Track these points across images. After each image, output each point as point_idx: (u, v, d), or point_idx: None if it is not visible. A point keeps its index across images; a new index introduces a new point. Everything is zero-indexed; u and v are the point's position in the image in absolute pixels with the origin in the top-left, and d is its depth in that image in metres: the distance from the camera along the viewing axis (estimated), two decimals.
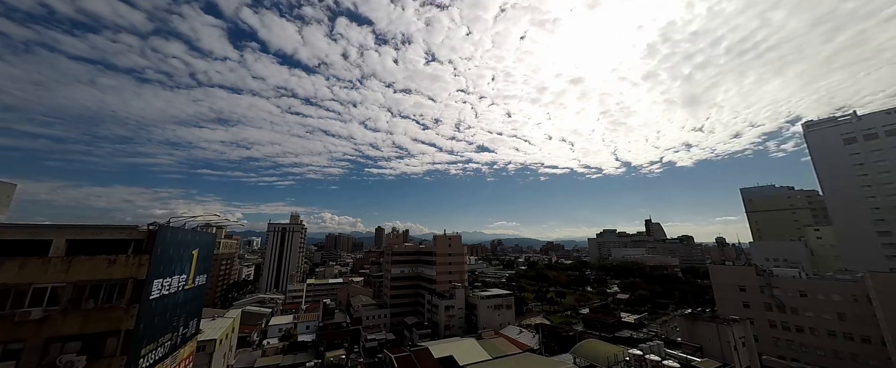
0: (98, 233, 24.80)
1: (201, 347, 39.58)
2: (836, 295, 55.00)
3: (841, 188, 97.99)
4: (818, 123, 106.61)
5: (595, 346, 47.40)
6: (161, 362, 27.03)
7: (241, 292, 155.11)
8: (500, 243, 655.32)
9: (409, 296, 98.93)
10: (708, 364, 40.65)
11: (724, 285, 68.03)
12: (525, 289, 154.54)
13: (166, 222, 27.99)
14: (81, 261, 23.28)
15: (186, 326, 31.84)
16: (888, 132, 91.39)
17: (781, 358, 56.93)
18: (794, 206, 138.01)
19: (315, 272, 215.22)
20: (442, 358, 50.20)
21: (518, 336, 64.44)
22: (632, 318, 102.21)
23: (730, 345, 45.17)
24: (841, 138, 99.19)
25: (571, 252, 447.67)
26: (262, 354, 65.91)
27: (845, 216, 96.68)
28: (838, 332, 53.95)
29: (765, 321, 61.03)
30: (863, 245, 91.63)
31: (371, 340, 75.37)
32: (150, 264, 24.75)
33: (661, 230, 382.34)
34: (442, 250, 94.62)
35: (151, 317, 25.34)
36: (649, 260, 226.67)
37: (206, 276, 35.59)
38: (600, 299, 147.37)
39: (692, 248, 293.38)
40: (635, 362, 38.31)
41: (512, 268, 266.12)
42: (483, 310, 77.42)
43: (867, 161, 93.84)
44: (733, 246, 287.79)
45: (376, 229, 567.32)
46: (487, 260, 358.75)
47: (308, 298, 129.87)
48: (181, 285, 29.70)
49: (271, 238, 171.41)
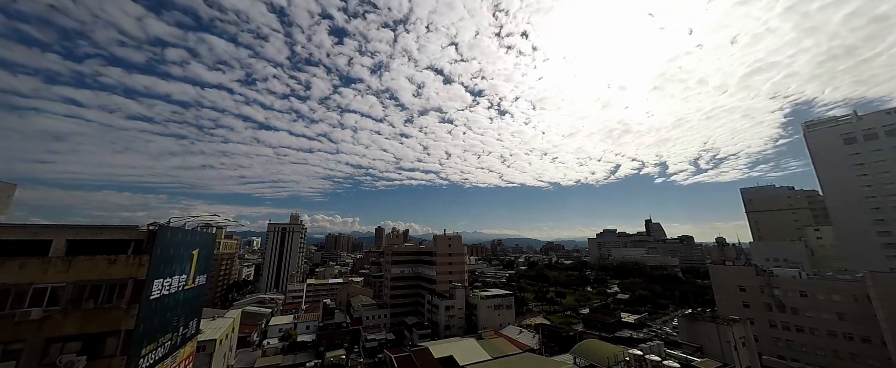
0: (98, 233, 24.79)
1: (201, 347, 39.57)
2: (836, 295, 55.01)
3: (841, 188, 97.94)
4: (818, 123, 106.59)
5: (595, 346, 47.42)
6: (161, 362, 27.02)
7: (241, 292, 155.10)
8: (500, 243, 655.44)
9: (409, 296, 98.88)
10: (708, 364, 40.68)
11: (725, 285, 68.01)
12: (525, 289, 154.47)
13: (166, 222, 28.01)
14: (81, 261, 23.28)
15: (186, 326, 31.83)
16: (888, 132, 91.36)
17: (781, 358, 56.96)
18: (794, 206, 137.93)
19: (315, 273, 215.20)
20: (442, 358, 50.23)
21: (518, 336, 64.45)
22: (632, 318, 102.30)
23: (730, 345, 45.13)
24: (841, 137, 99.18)
25: (571, 252, 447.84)
26: (262, 354, 65.88)
27: (845, 216, 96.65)
28: (838, 332, 53.95)
29: (765, 321, 61.01)
30: (863, 245, 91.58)
31: (371, 340, 75.38)
32: (150, 264, 24.76)
33: (661, 230, 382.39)
34: (442, 250, 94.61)
35: (151, 317, 25.34)
36: (649, 260, 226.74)
37: (206, 276, 35.59)
38: (600, 299, 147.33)
39: (692, 248, 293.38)
40: (635, 362, 38.30)
41: (512, 268, 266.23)
42: (483, 310, 77.40)
43: (867, 161, 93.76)
44: (733, 246, 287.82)
45: (376, 229, 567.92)
46: (487, 260, 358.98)
47: (308, 298, 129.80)
48: (181, 285, 29.70)
49: (271, 238, 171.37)
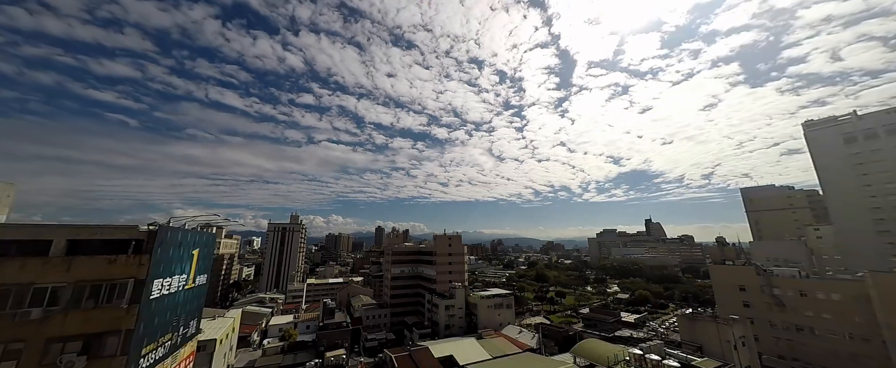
0: (98, 233, 24.82)
1: (201, 347, 39.59)
2: (836, 295, 54.89)
3: (841, 188, 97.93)
4: (818, 123, 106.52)
5: (595, 346, 47.48)
6: (161, 362, 27.06)
7: (242, 292, 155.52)
8: (500, 242, 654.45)
9: (409, 296, 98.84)
10: (708, 363, 40.68)
11: (725, 284, 67.91)
12: (525, 289, 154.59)
13: (166, 222, 28.02)
14: (81, 261, 23.33)
15: (187, 326, 31.87)
16: (888, 132, 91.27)
17: (781, 358, 57.00)
18: (794, 205, 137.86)
19: (315, 272, 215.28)
20: (442, 358, 50.26)
21: (518, 336, 64.46)
22: (632, 318, 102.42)
23: (730, 345, 45.12)
24: (841, 137, 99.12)
25: (571, 252, 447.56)
26: (262, 354, 65.96)
27: (845, 216, 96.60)
28: (838, 332, 53.91)
29: (765, 320, 60.93)
30: (863, 245, 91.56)
31: (371, 340, 75.43)
32: (150, 264, 24.79)
33: (661, 230, 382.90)
34: (442, 250, 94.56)
35: (152, 317, 25.37)
36: (649, 260, 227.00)
37: (206, 276, 35.63)
38: (600, 299, 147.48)
39: (692, 248, 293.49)
40: (635, 362, 38.33)
41: (512, 268, 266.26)
42: (483, 310, 77.39)
43: (867, 161, 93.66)
44: (733, 246, 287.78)
45: (376, 228, 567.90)
46: (487, 260, 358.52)
47: (308, 298, 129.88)
48: (181, 285, 29.72)
49: (271, 238, 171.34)
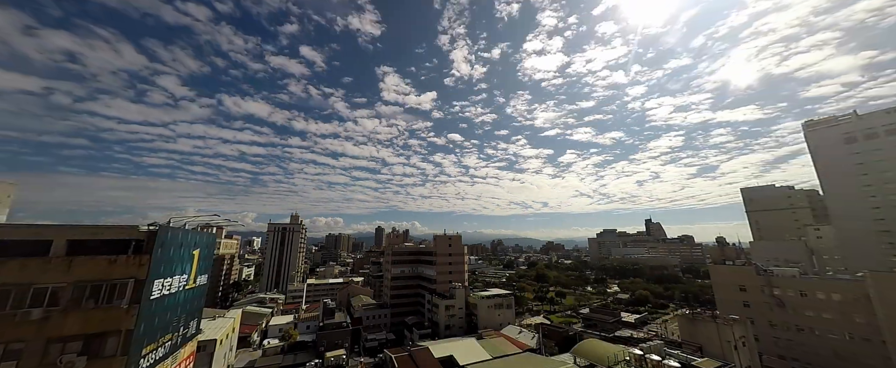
0: (98, 233, 24.83)
1: (202, 347, 39.62)
2: (836, 295, 54.90)
3: (841, 188, 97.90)
4: (818, 123, 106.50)
5: (595, 346, 47.45)
6: (161, 362, 27.07)
7: (242, 292, 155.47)
8: (500, 243, 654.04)
9: (409, 296, 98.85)
10: (708, 363, 40.64)
11: (725, 284, 67.93)
12: (525, 289, 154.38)
13: (167, 223, 28.03)
14: (82, 261, 23.33)
15: (187, 326, 31.88)
16: (888, 132, 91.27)
17: (781, 358, 56.98)
18: (794, 205, 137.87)
19: (315, 272, 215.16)
20: (442, 358, 50.17)
21: (518, 336, 64.41)
22: (632, 318, 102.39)
23: (730, 345, 45.06)
24: (841, 137, 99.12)
25: (571, 252, 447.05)
26: (262, 354, 65.96)
27: (845, 216, 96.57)
28: (838, 332, 53.92)
29: (765, 320, 60.96)
30: (863, 245, 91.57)
31: (371, 340, 75.42)
32: (150, 264, 24.80)
33: (661, 230, 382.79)
34: (442, 250, 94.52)
35: (152, 317, 25.37)
36: (649, 260, 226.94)
37: (206, 276, 35.65)
38: (600, 299, 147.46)
39: (692, 248, 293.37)
40: (636, 362, 38.30)
41: (512, 268, 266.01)
42: (483, 310, 77.40)
43: (867, 161, 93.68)
44: (733, 246, 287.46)
45: (376, 228, 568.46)
46: (487, 260, 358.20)
47: (308, 298, 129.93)
48: (182, 285, 29.74)
49: (271, 238, 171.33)
